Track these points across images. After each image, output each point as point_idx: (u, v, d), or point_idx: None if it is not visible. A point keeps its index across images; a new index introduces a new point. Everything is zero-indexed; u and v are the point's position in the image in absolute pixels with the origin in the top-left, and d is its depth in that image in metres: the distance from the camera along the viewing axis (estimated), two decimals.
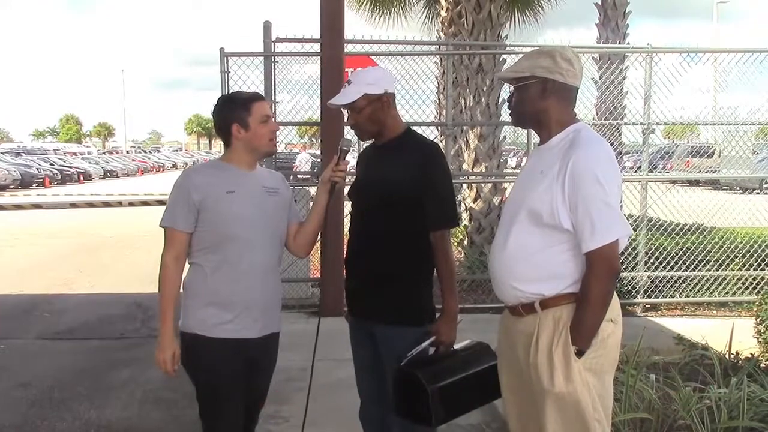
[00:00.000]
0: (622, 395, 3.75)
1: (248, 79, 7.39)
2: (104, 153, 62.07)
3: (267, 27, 7.38)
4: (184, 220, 2.90)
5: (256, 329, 2.95)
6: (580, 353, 2.39)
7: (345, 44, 7.20)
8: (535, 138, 2.82)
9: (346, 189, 3.58)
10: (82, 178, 38.49)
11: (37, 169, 35.23)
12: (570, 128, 2.52)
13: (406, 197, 2.92)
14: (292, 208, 3.14)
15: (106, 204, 22.90)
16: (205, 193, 2.89)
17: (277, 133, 3.12)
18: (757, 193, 9.21)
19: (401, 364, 2.87)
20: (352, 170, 3.56)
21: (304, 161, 24.18)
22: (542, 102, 2.52)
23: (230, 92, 3.39)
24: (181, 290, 2.98)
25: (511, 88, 2.65)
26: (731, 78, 7.86)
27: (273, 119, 3.05)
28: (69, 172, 38.03)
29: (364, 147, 3.37)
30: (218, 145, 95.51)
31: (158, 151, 77.25)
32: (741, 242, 7.82)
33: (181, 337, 2.97)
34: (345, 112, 3.11)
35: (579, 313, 2.39)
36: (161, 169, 55.34)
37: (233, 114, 2.96)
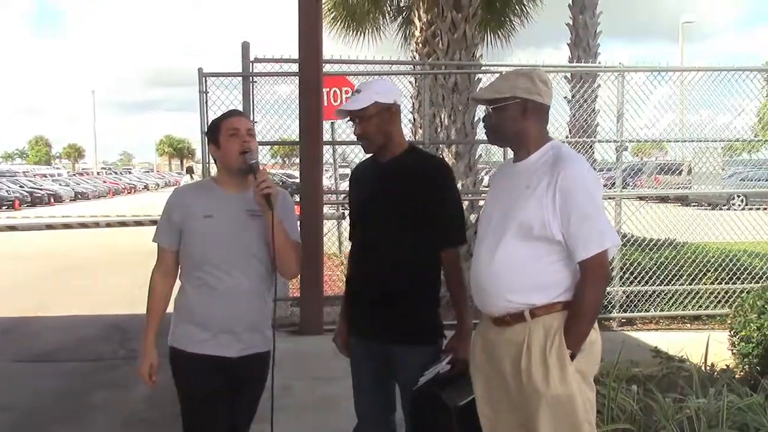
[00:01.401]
0: (603, 407, 3.81)
1: (226, 99, 7.41)
2: (74, 175, 61.45)
3: (245, 47, 7.41)
4: (168, 238, 2.98)
5: (236, 349, 2.93)
6: (572, 356, 2.47)
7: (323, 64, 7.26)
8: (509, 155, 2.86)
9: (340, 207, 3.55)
10: (52, 200, 38.10)
11: (7, 191, 34.81)
12: (547, 145, 2.61)
13: (418, 215, 2.90)
14: (285, 225, 2.96)
15: (83, 225, 22.68)
16: (186, 215, 2.93)
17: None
18: (727, 209, 9.40)
19: (420, 385, 2.86)
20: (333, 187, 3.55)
21: None
22: (523, 122, 2.59)
23: None
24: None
25: (487, 109, 2.70)
26: (698, 95, 8.05)
27: (250, 136, 2.95)
28: (39, 194, 37.64)
29: (358, 163, 3.33)
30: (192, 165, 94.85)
31: (129, 173, 76.68)
32: (713, 257, 7.96)
33: (169, 351, 3.00)
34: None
35: (574, 318, 2.48)
36: (132, 191, 54.96)
37: (209, 136, 3.01)
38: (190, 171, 26.50)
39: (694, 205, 16.32)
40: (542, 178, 2.50)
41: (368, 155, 3.15)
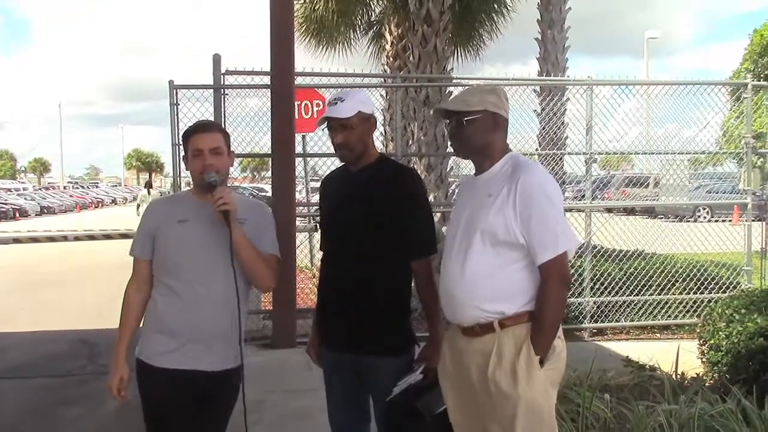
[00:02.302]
0: (578, 416, 3.84)
1: (197, 111, 7.37)
2: (40, 189, 60.57)
3: (216, 60, 7.38)
4: (141, 247, 2.97)
5: (205, 362, 2.87)
6: (541, 362, 2.53)
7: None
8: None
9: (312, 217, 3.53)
10: (17, 215, 37.45)
11: None
12: (507, 156, 2.72)
13: (389, 224, 2.90)
14: (261, 238, 2.99)
15: (50, 239, 22.31)
16: (160, 221, 2.92)
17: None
18: (693, 221, 9.54)
19: (394, 395, 2.86)
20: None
21: None
22: (492, 134, 2.70)
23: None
24: None
25: (454, 120, 2.74)
26: (664, 109, 8.21)
27: (215, 154, 2.89)
28: (3, 209, 36.99)
29: (329, 172, 3.32)
30: (158, 180, 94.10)
31: (97, 187, 75.79)
32: (681, 267, 8.07)
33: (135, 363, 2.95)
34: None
35: (539, 323, 2.55)
36: (100, 205, 54.30)
37: (184, 147, 3.00)
38: (148, 186, 26.25)
39: (660, 217, 16.56)
40: (502, 186, 2.59)
41: (339, 164, 3.17)
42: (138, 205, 25.72)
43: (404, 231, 2.92)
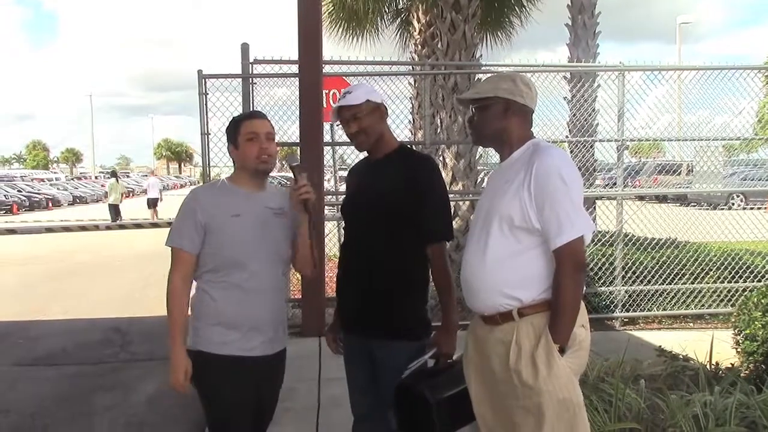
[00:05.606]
0: (610, 406, 3.79)
1: (226, 101, 7.38)
2: (72, 179, 61.34)
3: (245, 49, 7.39)
4: (190, 241, 2.90)
5: (264, 348, 2.97)
6: (561, 351, 2.49)
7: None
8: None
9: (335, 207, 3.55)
10: (50, 205, 38.02)
11: (5, 195, 34.75)
12: (528, 143, 2.69)
13: (403, 211, 2.92)
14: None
15: (82, 228, 22.70)
16: (211, 215, 2.90)
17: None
18: (728, 209, 9.38)
19: (402, 378, 2.87)
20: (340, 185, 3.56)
21: (153, 186, 24.42)
22: (504, 121, 2.69)
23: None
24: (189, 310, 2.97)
25: (472, 109, 2.80)
26: (698, 95, 8.04)
27: (269, 140, 2.99)
28: (37, 199, 37.56)
29: (355, 162, 3.36)
30: (188, 169, 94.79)
31: (127, 176, 76.56)
32: (715, 255, 7.94)
33: (188, 355, 2.93)
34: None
35: (555, 310, 2.50)
36: (131, 195, 54.84)
37: (229, 135, 3.02)
38: (114, 174, 26.68)
39: (693, 205, 16.32)
40: (520, 171, 2.57)
41: (363, 156, 3.22)
42: (105, 194, 26.00)
43: (418, 217, 2.93)
